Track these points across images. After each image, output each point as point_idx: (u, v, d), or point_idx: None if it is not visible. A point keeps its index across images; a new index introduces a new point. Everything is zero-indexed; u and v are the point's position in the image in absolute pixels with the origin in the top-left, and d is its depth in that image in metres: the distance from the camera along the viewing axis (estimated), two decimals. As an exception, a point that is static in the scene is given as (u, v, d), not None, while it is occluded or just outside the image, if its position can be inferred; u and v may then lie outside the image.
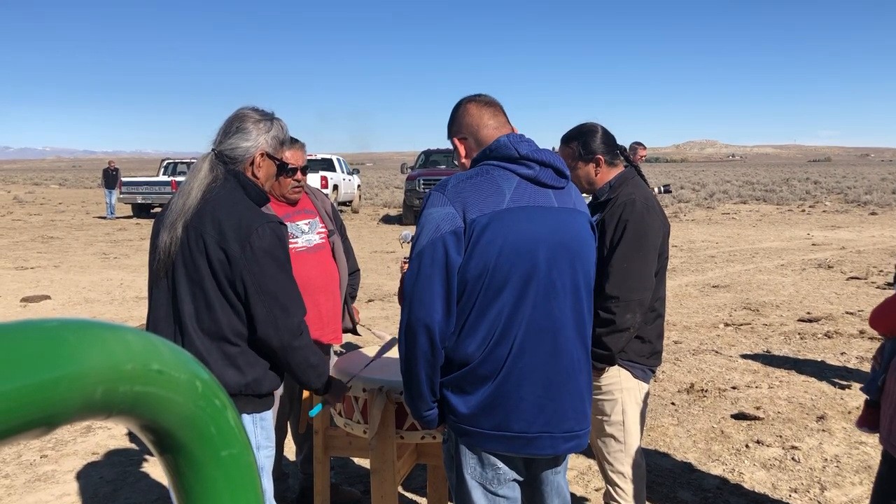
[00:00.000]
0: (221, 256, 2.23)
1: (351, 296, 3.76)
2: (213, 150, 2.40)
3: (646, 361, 2.85)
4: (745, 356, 6.61)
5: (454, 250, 1.93)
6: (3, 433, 0.36)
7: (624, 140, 3.00)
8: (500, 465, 2.08)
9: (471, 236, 1.95)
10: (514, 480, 2.13)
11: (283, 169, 2.52)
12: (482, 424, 2.02)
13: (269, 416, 2.50)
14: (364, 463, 4.19)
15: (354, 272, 3.78)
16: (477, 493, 2.08)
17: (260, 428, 2.44)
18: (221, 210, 2.26)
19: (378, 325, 7.76)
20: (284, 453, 4.04)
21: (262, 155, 2.39)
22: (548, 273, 2.01)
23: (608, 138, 2.89)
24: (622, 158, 2.95)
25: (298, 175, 3.31)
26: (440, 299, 1.94)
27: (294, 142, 3.30)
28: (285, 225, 2.42)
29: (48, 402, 0.37)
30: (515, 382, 2.00)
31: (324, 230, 3.50)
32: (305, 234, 3.40)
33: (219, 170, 2.34)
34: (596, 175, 2.87)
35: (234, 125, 2.39)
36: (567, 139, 2.92)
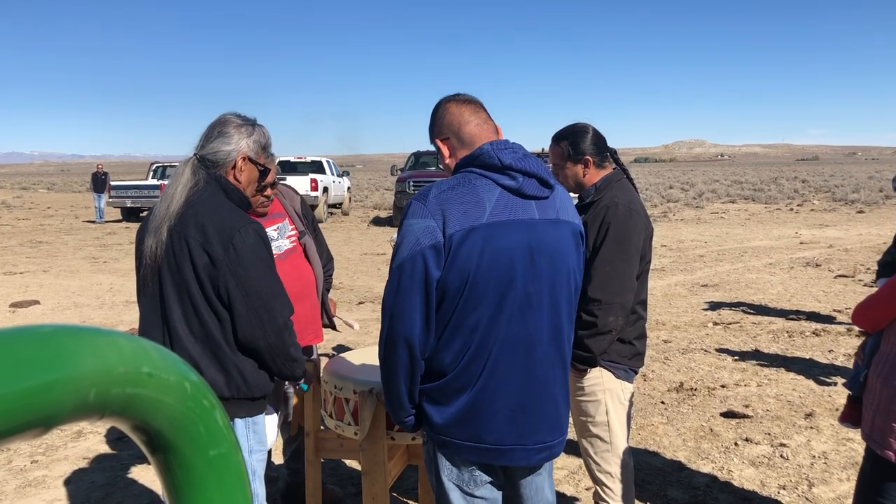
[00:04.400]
0: (206, 260, 2.24)
1: (325, 288, 3.72)
2: (195, 154, 2.41)
3: (627, 363, 2.86)
4: (733, 355, 6.66)
5: (433, 265, 1.94)
6: (2, 433, 0.37)
7: (613, 141, 3.02)
8: (477, 469, 2.09)
9: (449, 249, 1.94)
10: (493, 483, 2.14)
11: (265, 174, 2.53)
12: (457, 435, 2.04)
13: (261, 420, 2.51)
14: (355, 464, 4.20)
15: (328, 262, 3.71)
16: (454, 494, 2.10)
17: (252, 432, 2.45)
18: (204, 214, 2.27)
19: (368, 327, 7.77)
20: (272, 458, 4.03)
21: (244, 159, 2.41)
22: (524, 288, 2.01)
23: (598, 139, 2.90)
24: (612, 160, 2.97)
25: (268, 191, 3.18)
26: (419, 313, 1.95)
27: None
28: None
29: (44, 404, 0.39)
30: (489, 396, 2.01)
31: (294, 233, 3.44)
32: (275, 241, 3.31)
33: (201, 174, 2.35)
34: (584, 176, 2.88)
35: (216, 130, 2.41)
36: (557, 138, 2.93)
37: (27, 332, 0.40)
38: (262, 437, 2.52)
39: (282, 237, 3.36)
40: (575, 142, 2.87)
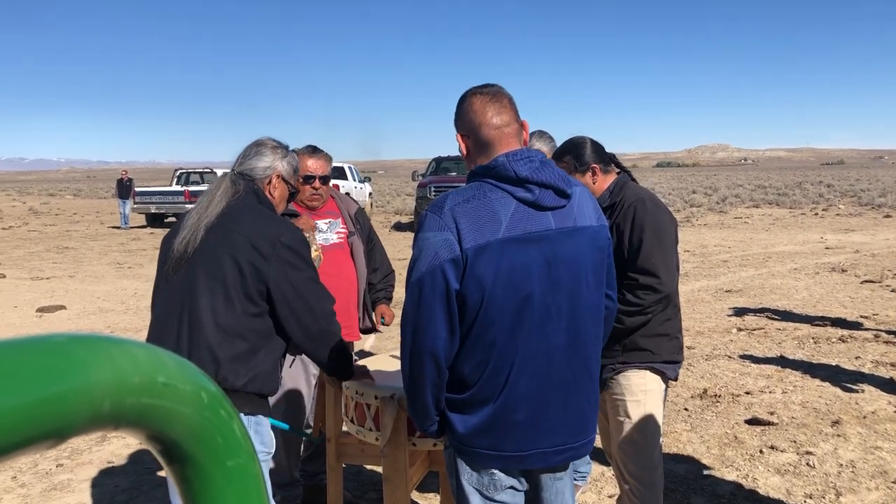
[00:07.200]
0: (254, 255, 2.38)
1: (387, 297, 3.96)
2: (233, 170, 2.61)
3: (675, 357, 2.92)
4: (758, 361, 6.58)
5: (453, 278, 1.93)
6: (14, 445, 0.37)
7: (635, 146, 3.05)
8: (498, 473, 2.09)
9: (466, 264, 1.93)
10: (514, 487, 2.13)
11: (294, 196, 2.74)
12: (478, 444, 2.04)
13: (265, 421, 2.55)
14: (377, 470, 4.20)
15: (389, 274, 3.99)
16: (475, 498, 2.10)
17: (254, 432, 2.49)
18: (249, 214, 2.46)
19: (390, 332, 7.76)
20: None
21: (278, 177, 2.62)
22: (542, 300, 1.99)
23: (597, 147, 2.98)
24: (614, 165, 3.03)
25: (316, 183, 3.52)
26: (443, 324, 1.95)
27: (317, 151, 3.54)
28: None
29: (57, 415, 0.39)
30: (511, 408, 2.01)
31: (343, 231, 3.62)
32: (323, 233, 3.54)
33: (240, 184, 2.55)
34: (594, 184, 2.95)
35: (253, 150, 2.64)
36: (559, 155, 3.01)
37: (39, 341, 0.39)
38: (266, 438, 2.56)
39: (331, 231, 3.59)
40: (578, 154, 2.95)
